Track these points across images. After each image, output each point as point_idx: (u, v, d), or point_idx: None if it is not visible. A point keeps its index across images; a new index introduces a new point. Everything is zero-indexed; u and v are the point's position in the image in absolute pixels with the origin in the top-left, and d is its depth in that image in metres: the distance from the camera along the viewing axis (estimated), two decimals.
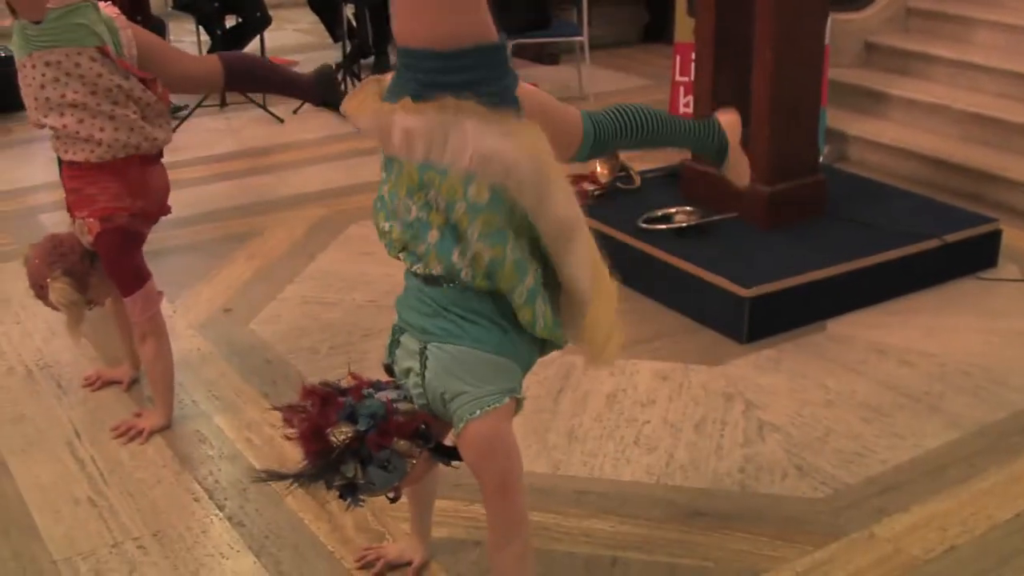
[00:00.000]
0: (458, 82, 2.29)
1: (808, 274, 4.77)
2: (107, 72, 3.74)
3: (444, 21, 2.29)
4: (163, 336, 4.00)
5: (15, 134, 7.92)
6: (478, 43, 2.32)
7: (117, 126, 3.78)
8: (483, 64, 2.31)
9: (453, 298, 2.58)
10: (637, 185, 5.72)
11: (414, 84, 2.36)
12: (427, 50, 2.30)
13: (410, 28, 2.32)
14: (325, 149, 7.30)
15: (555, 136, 2.63)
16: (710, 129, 3.28)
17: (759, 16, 5.06)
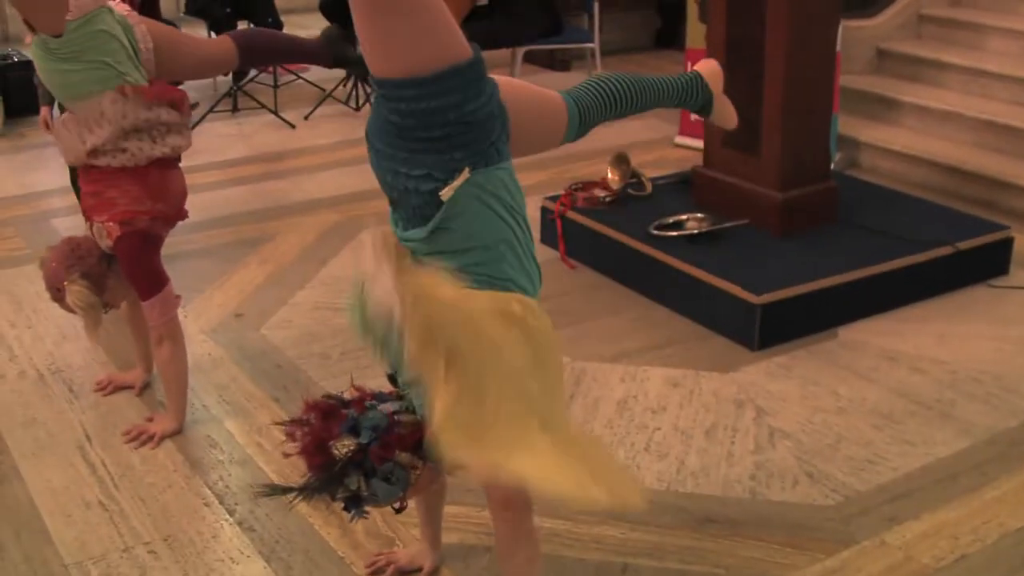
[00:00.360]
0: (437, 107, 2.25)
1: (820, 281, 4.76)
2: (131, 110, 3.78)
3: (415, 49, 2.24)
4: (179, 340, 4.01)
5: (27, 139, 7.93)
6: (453, 64, 2.27)
7: (141, 141, 3.82)
8: (461, 85, 2.27)
9: None
10: (649, 192, 5.71)
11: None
12: (402, 79, 2.25)
13: (382, 59, 2.26)
14: (337, 154, 7.31)
15: (543, 124, 2.62)
16: (693, 84, 3.23)
17: (771, 23, 5.06)
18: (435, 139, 2.25)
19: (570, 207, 5.53)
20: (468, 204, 2.31)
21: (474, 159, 2.29)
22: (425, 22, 2.21)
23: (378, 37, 2.23)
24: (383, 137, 2.32)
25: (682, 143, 7.37)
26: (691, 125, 7.26)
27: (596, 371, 4.45)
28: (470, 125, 2.27)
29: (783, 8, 4.99)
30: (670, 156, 7.13)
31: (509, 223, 2.40)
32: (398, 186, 2.34)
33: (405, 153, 2.28)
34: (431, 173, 2.28)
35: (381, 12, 2.18)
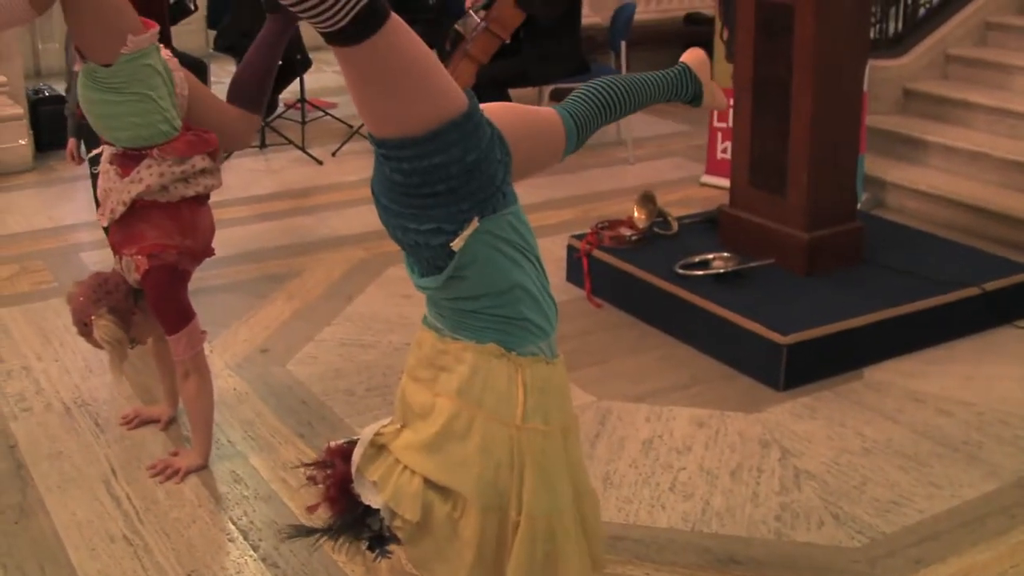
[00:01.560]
0: (440, 163, 2.23)
1: (845, 321, 4.75)
2: (167, 168, 3.82)
3: (410, 109, 2.20)
4: (205, 375, 4.02)
5: (57, 172, 7.99)
6: (450, 118, 2.21)
7: (176, 181, 3.87)
8: (460, 138, 2.24)
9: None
10: (675, 231, 5.72)
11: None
12: (400, 139, 2.21)
13: (377, 122, 2.25)
14: (364, 191, 7.24)
15: (541, 144, 2.61)
16: (683, 77, 3.18)
17: (797, 62, 5.07)
18: (440, 193, 2.24)
19: (596, 246, 5.54)
20: (480, 251, 2.30)
21: (482, 207, 2.28)
22: (415, 83, 2.19)
23: (371, 100, 2.21)
24: (388, 194, 2.31)
25: (708, 182, 7.37)
26: (717, 164, 7.27)
27: (621, 410, 4.44)
28: (473, 174, 2.25)
29: (810, 48, 5.00)
30: (696, 195, 7.14)
31: (522, 265, 2.40)
32: (408, 241, 2.33)
33: (412, 210, 2.27)
34: (440, 227, 2.27)
35: (370, 78, 2.18)
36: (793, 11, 5.06)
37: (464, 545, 2.39)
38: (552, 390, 2.45)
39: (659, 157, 8.21)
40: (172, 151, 3.85)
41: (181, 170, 3.86)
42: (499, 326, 2.39)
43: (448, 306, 2.41)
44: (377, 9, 2.07)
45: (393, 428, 2.48)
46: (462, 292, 2.36)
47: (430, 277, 2.37)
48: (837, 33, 5.04)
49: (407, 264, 2.49)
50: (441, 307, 2.43)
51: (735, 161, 5.58)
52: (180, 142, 3.88)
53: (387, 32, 2.09)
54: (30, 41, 11.13)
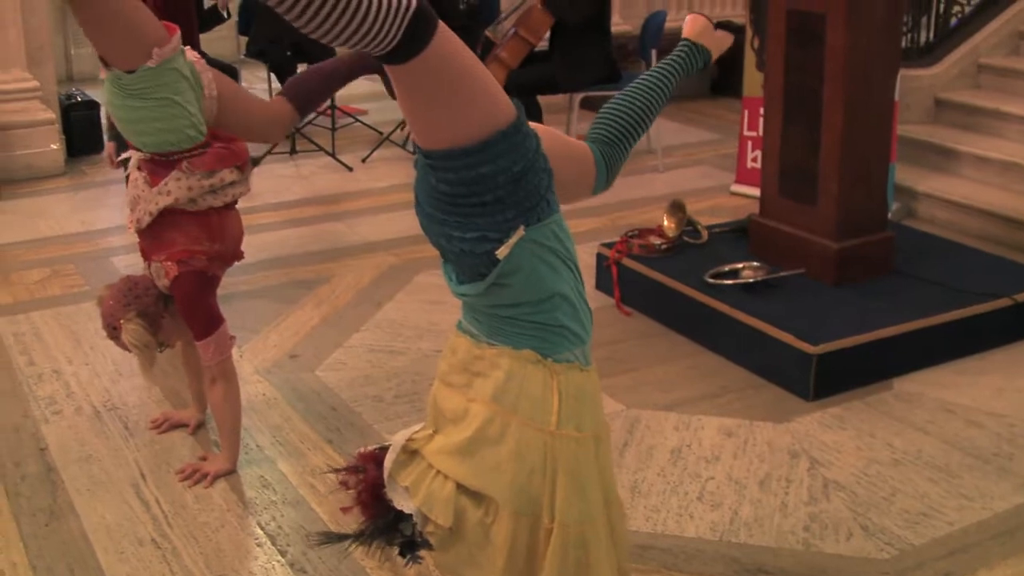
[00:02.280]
0: (487, 172, 2.23)
1: (876, 332, 4.73)
2: (195, 182, 3.85)
3: (459, 120, 2.20)
4: (233, 380, 4.03)
5: (88, 177, 8.04)
6: (498, 128, 2.22)
7: (204, 193, 3.89)
8: (508, 148, 2.24)
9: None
10: (704, 239, 5.71)
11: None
12: (448, 151, 2.21)
13: (426, 133, 2.25)
14: (394, 197, 7.35)
15: (572, 174, 2.60)
16: (692, 57, 3.11)
17: (828, 71, 5.06)
18: (487, 203, 2.23)
19: (626, 254, 5.54)
20: (524, 260, 2.30)
21: (527, 216, 2.28)
22: (466, 92, 2.19)
23: (420, 112, 2.22)
24: (432, 203, 2.31)
25: (738, 191, 7.36)
26: (747, 173, 7.26)
27: (650, 419, 4.44)
28: (520, 184, 2.26)
29: (841, 57, 4.99)
30: (726, 204, 7.12)
31: (562, 273, 2.40)
32: (452, 249, 2.33)
33: (457, 218, 2.27)
34: (485, 235, 2.26)
35: (423, 91, 2.18)
36: (825, 20, 5.05)
37: (496, 551, 2.40)
38: (586, 397, 2.46)
39: (689, 165, 8.21)
40: (201, 165, 3.87)
41: (210, 183, 3.88)
42: (536, 333, 2.39)
43: (486, 312, 2.41)
44: (424, 16, 2.07)
45: (425, 434, 2.48)
46: (503, 299, 2.36)
47: (471, 284, 2.37)
48: (869, 42, 5.03)
49: (444, 271, 2.49)
50: (478, 313, 2.43)
51: (765, 170, 5.57)
52: (209, 156, 3.90)
53: (438, 42, 2.10)
54: (62, 46, 11.20)
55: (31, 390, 4.73)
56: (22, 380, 4.82)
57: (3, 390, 4.73)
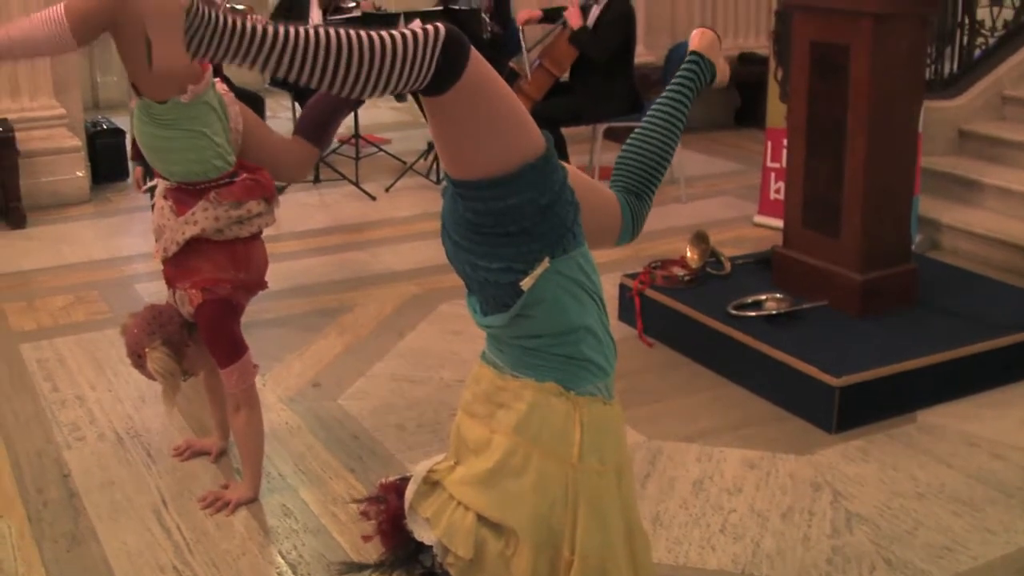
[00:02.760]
0: (515, 204, 2.23)
1: (899, 364, 4.72)
2: (222, 212, 3.86)
3: (490, 151, 2.21)
4: (256, 408, 4.04)
5: (113, 204, 8.09)
6: (528, 161, 2.23)
7: (230, 223, 3.90)
8: (536, 180, 2.25)
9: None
10: (728, 271, 5.71)
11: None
12: (478, 181, 2.23)
13: (457, 163, 2.25)
14: (417, 226, 7.37)
15: (597, 224, 2.58)
16: (702, 72, 3.04)
17: (852, 103, 5.06)
18: (513, 233, 2.24)
19: (648, 285, 5.53)
20: (548, 291, 2.31)
21: (553, 248, 2.28)
22: (499, 124, 2.20)
23: (453, 142, 2.23)
24: (460, 231, 2.31)
25: (761, 222, 7.35)
26: (771, 204, 7.25)
27: (672, 450, 4.43)
28: (547, 215, 2.26)
29: (865, 89, 4.99)
30: (749, 235, 7.12)
31: (587, 305, 2.40)
32: (477, 278, 2.34)
33: (484, 247, 2.27)
34: (511, 266, 2.27)
35: (457, 122, 2.19)
36: (848, 51, 5.05)
37: None
38: (608, 431, 2.45)
39: (712, 196, 8.21)
40: (228, 195, 3.89)
41: (237, 214, 3.90)
42: (560, 365, 2.39)
43: (510, 343, 2.41)
44: (456, 40, 2.09)
45: (447, 465, 2.48)
46: (527, 331, 2.36)
47: (495, 315, 2.37)
48: (892, 73, 5.03)
49: (468, 302, 2.50)
50: (502, 344, 2.43)
51: (788, 201, 5.56)
52: (237, 187, 3.92)
53: (473, 69, 2.11)
54: (89, 74, 11.27)
55: (54, 416, 4.74)
56: (45, 406, 4.84)
57: (27, 416, 4.75)
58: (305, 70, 2.05)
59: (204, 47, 2.04)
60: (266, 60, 2.05)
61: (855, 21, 5.01)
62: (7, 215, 7.59)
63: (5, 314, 5.93)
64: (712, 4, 10.38)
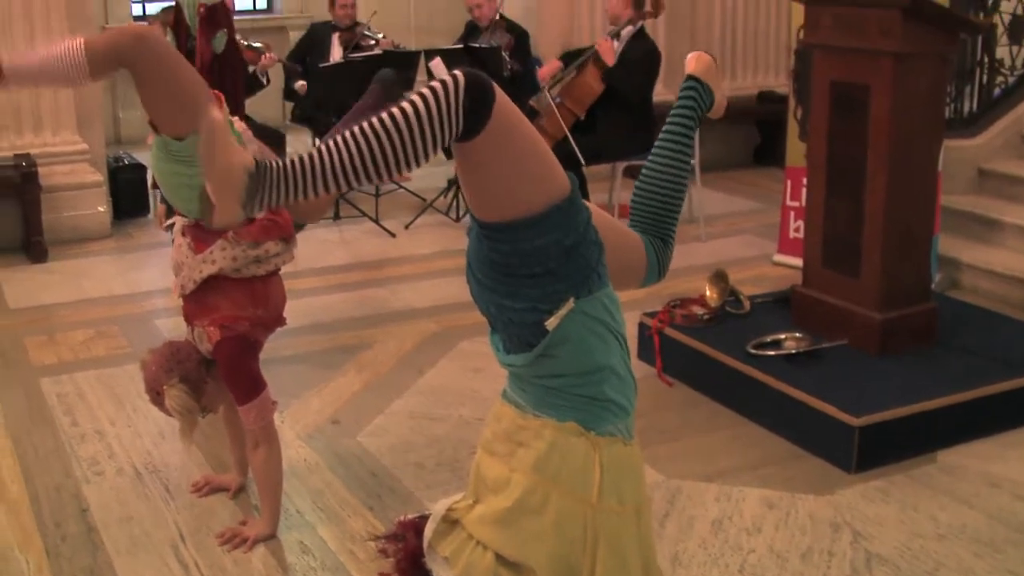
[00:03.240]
0: (541, 245, 2.24)
1: (919, 403, 4.70)
2: (240, 252, 3.88)
3: (516, 194, 2.24)
4: (275, 445, 4.04)
5: (134, 239, 8.13)
6: (553, 203, 2.26)
7: (248, 262, 3.91)
8: (562, 221, 2.26)
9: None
10: (747, 310, 5.70)
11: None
12: (504, 223, 2.25)
13: (483, 205, 2.26)
14: (436, 264, 7.38)
15: (621, 266, 2.58)
16: (701, 98, 2.95)
17: (872, 142, 5.07)
18: (538, 274, 2.25)
19: (668, 324, 5.53)
20: (573, 331, 2.31)
21: (578, 288, 2.29)
22: (526, 167, 2.22)
23: (479, 185, 2.25)
24: (485, 271, 2.32)
25: (781, 261, 7.34)
26: (790, 243, 7.24)
27: (691, 490, 4.41)
28: (572, 256, 2.27)
29: (885, 128, 5.00)
30: (769, 274, 7.11)
31: (611, 345, 2.40)
32: (502, 317, 2.35)
33: (509, 287, 2.28)
34: (536, 306, 2.28)
35: (484, 164, 2.21)
36: (868, 91, 5.06)
37: None
38: (628, 471, 2.45)
39: (731, 235, 8.20)
40: (246, 235, 3.90)
41: (255, 254, 3.91)
42: (582, 405, 2.39)
43: (532, 382, 2.41)
44: (477, 83, 2.11)
45: (466, 503, 2.48)
46: (550, 370, 2.36)
47: (519, 354, 2.38)
48: (912, 112, 5.04)
49: (491, 341, 2.50)
50: (524, 383, 2.44)
51: (808, 240, 5.56)
52: (255, 227, 3.93)
53: (501, 109, 2.13)
54: (111, 109, 11.33)
55: (73, 450, 4.75)
56: (65, 440, 4.85)
57: (46, 450, 4.76)
58: (352, 176, 2.13)
59: (261, 204, 2.13)
60: (316, 185, 2.15)
61: (875, 60, 5.02)
62: (29, 249, 7.63)
63: (26, 348, 5.96)
64: (732, 42, 10.39)
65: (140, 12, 11.98)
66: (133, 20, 11.71)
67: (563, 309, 2.29)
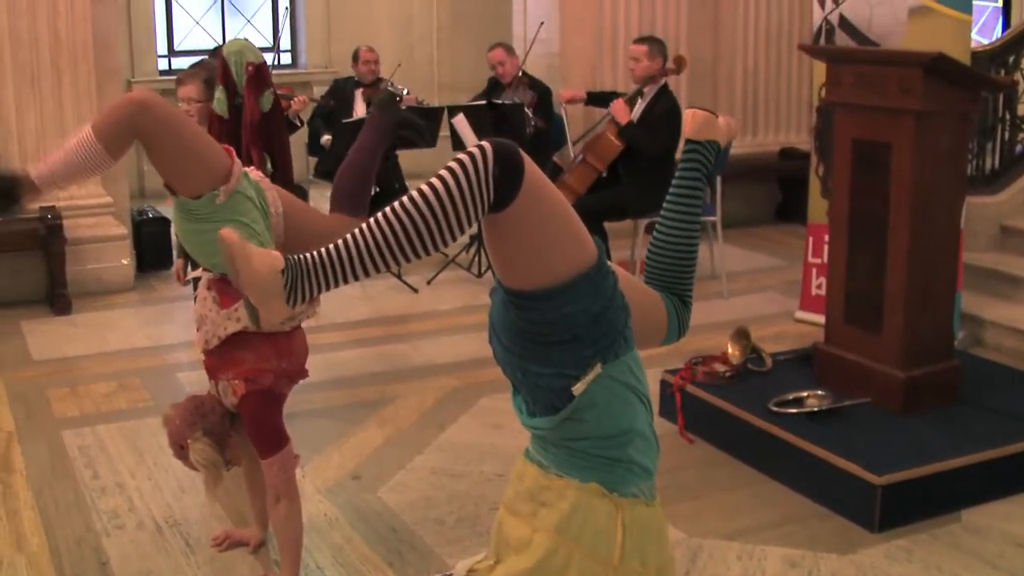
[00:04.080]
0: (568, 313, 2.25)
1: (942, 462, 4.67)
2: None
3: (544, 263, 2.25)
4: (296, 500, 4.03)
5: (157, 292, 8.16)
6: (581, 271, 2.27)
7: None
8: (590, 289, 2.27)
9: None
10: (769, 367, 5.69)
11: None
12: (532, 291, 2.26)
13: (511, 275, 2.28)
14: (458, 320, 7.39)
15: (643, 322, 2.58)
16: (707, 158, 2.92)
17: (894, 199, 5.07)
18: (566, 340, 2.26)
19: (690, 381, 5.52)
20: (599, 395, 2.31)
21: (605, 353, 2.29)
22: (555, 237, 2.23)
23: (506, 253, 2.25)
24: (510, 336, 2.33)
25: (803, 318, 7.32)
26: (812, 300, 7.23)
27: (713, 548, 4.39)
28: (599, 322, 2.27)
29: (907, 185, 5.00)
30: (790, 331, 7.09)
31: (636, 407, 2.40)
32: (527, 382, 2.35)
33: (535, 353, 2.29)
34: (562, 371, 2.28)
35: (512, 235, 2.22)
36: (890, 149, 5.07)
37: None
38: (651, 532, 2.44)
39: (753, 291, 8.19)
40: None
41: (280, 322, 3.92)
42: (605, 466, 2.39)
43: (556, 443, 2.41)
44: (505, 152, 2.12)
45: (487, 563, 2.47)
46: (575, 433, 2.36)
47: (543, 418, 2.38)
48: (934, 170, 5.04)
49: (515, 402, 2.50)
50: (548, 444, 2.43)
51: (830, 297, 5.56)
52: None
53: (530, 179, 2.14)
54: (136, 163, 11.41)
55: (94, 503, 4.76)
56: (85, 493, 4.85)
57: (67, 502, 4.77)
58: (389, 258, 2.17)
59: (300, 295, 2.16)
60: (353, 270, 2.19)
61: (897, 119, 5.03)
62: (53, 301, 7.67)
63: (49, 400, 5.98)
64: (753, 99, 10.42)
65: (166, 67, 12.07)
66: (159, 75, 11.79)
67: (590, 374, 2.29)
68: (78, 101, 7.90)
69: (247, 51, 4.48)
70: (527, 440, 2.58)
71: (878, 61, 5.22)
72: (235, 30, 12.40)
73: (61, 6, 7.79)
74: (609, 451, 2.38)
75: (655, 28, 9.54)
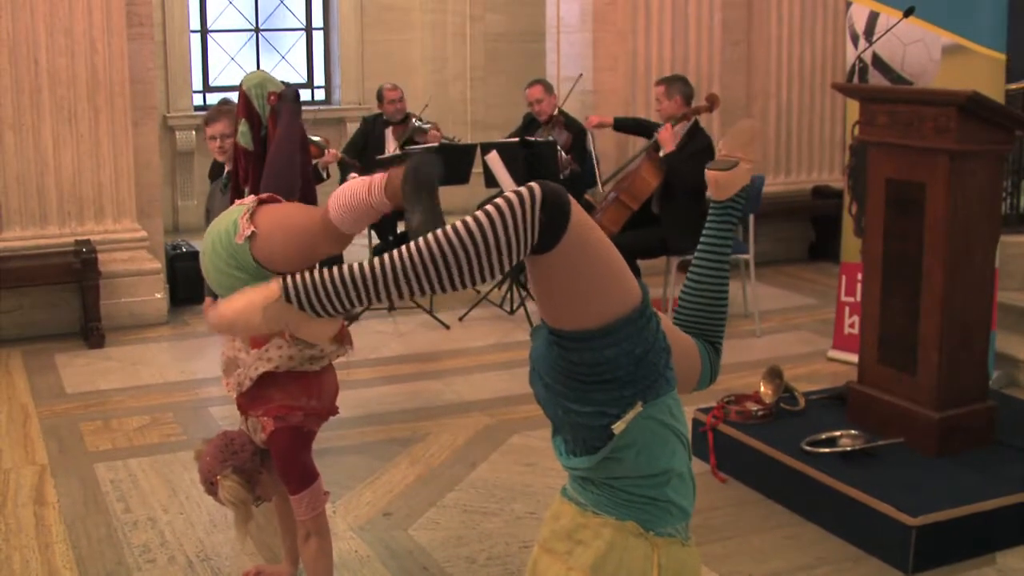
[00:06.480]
0: (612, 355, 2.26)
1: (977, 504, 4.63)
2: (297, 352, 3.90)
3: (589, 306, 2.26)
4: (326, 536, 4.02)
5: (190, 326, 8.19)
6: (625, 314, 2.28)
7: (304, 360, 3.94)
8: (634, 332, 2.28)
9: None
10: (802, 407, 5.66)
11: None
12: (577, 333, 2.27)
13: (559, 315, 2.30)
14: (491, 357, 7.38)
15: (678, 365, 2.57)
16: (735, 209, 2.91)
17: (928, 239, 5.05)
18: (608, 380, 2.27)
19: (722, 420, 5.50)
20: (639, 435, 2.32)
21: (645, 393, 2.30)
22: (600, 280, 2.24)
23: (551, 295, 2.27)
24: (553, 375, 2.34)
25: (836, 357, 7.29)
26: (845, 339, 7.20)
27: None
28: (641, 364, 2.28)
29: (942, 225, 4.98)
30: (824, 370, 7.06)
31: (676, 448, 2.40)
32: (568, 420, 2.35)
33: (577, 392, 2.30)
34: (604, 410, 2.29)
35: (559, 276, 2.22)
36: (924, 189, 5.06)
37: None
38: (686, 572, 2.44)
39: (786, 330, 8.16)
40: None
41: (311, 353, 3.93)
42: (643, 505, 2.38)
43: (597, 483, 2.41)
44: (554, 198, 2.12)
45: None
46: (614, 472, 2.36)
47: (582, 458, 2.38)
48: (969, 210, 5.03)
49: (554, 443, 2.50)
50: (586, 483, 2.43)
51: (864, 337, 5.53)
52: None
53: (576, 223, 2.15)
54: (170, 198, 11.50)
55: (126, 537, 4.76)
56: (117, 527, 4.86)
57: (99, 537, 4.78)
58: (415, 286, 2.16)
59: (327, 308, 2.16)
60: (388, 291, 2.17)
61: (931, 158, 5.02)
62: (87, 335, 7.72)
63: (82, 434, 6.00)
64: (787, 137, 10.42)
65: (201, 103, 12.15)
66: (194, 111, 11.88)
67: (631, 414, 2.29)
68: (114, 138, 7.97)
69: (268, 82, 4.50)
70: (559, 478, 2.58)
71: (912, 100, 5.21)
72: (270, 66, 12.50)
73: (99, 44, 7.87)
74: (647, 490, 2.38)
75: (688, 66, 9.57)
